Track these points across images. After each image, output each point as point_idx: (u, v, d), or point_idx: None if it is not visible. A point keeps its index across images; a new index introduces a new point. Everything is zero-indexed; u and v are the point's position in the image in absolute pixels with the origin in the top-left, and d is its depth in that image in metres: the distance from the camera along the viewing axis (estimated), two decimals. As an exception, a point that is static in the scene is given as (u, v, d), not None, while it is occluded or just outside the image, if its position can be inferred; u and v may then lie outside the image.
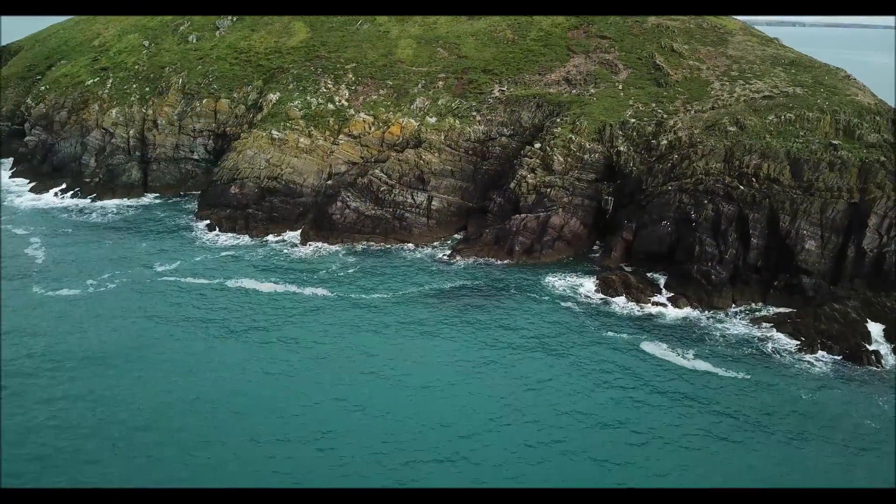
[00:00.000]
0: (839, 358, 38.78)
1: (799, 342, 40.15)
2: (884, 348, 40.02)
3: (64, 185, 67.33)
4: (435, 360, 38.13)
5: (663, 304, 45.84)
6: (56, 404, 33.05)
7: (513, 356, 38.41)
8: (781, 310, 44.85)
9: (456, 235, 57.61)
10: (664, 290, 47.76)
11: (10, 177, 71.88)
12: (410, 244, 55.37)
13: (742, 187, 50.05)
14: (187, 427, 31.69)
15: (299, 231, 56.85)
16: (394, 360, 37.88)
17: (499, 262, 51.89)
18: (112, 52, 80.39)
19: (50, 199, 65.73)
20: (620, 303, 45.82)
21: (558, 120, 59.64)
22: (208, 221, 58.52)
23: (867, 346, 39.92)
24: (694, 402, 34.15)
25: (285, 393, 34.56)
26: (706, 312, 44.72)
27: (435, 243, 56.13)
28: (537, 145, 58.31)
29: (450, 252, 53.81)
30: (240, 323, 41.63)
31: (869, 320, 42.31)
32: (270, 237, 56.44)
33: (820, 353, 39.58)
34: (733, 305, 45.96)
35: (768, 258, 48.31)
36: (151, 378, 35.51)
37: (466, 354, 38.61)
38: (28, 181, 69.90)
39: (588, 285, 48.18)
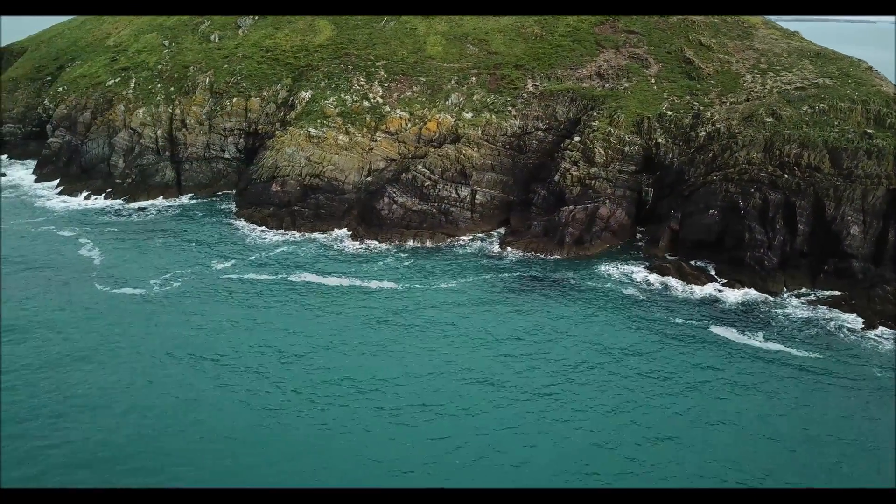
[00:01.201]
0: (902, 335, 40.67)
1: (863, 320, 41.98)
2: (939, 326, 42.02)
3: (95, 187, 66.85)
4: (530, 341, 39.73)
5: (720, 290, 47.40)
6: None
7: (592, 343, 39.54)
8: (833, 293, 46.66)
9: (499, 229, 58.49)
10: (717, 277, 49.31)
11: (36, 180, 71.09)
12: (459, 238, 56.17)
13: (786, 176, 51.79)
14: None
15: (346, 227, 57.37)
16: (491, 342, 39.43)
17: (549, 252, 52.99)
18: (131, 52, 79.75)
19: (82, 200, 65.19)
20: (679, 289, 47.25)
21: (595, 113, 60.89)
22: (252, 220, 58.71)
23: (925, 324, 41.86)
24: (780, 385, 35.57)
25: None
26: (762, 297, 46.31)
27: (480, 236, 57.02)
28: (577, 138, 59.51)
29: (499, 244, 54.81)
30: (331, 313, 42.68)
31: (921, 300, 44.29)
32: (317, 234, 56.81)
33: (881, 329, 41.45)
34: (785, 290, 47.66)
35: (814, 244, 50.09)
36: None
37: (552, 337, 39.93)
38: (56, 183, 69.22)
39: (643, 273, 49.54)
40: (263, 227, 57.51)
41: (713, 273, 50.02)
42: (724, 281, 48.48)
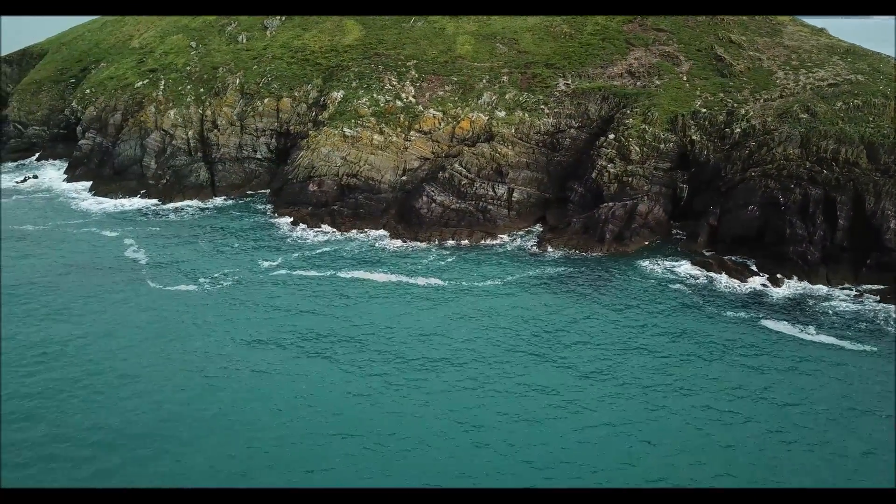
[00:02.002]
0: (952, 327, 41.20)
1: (915, 313, 42.59)
2: None
3: (129, 188, 67.26)
4: (594, 336, 40.19)
5: (764, 285, 47.93)
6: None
7: (652, 337, 39.99)
8: (877, 286, 47.17)
9: (535, 226, 58.94)
10: (759, 272, 49.82)
11: (68, 181, 71.43)
12: (498, 235, 56.56)
13: (825, 172, 52.33)
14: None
15: (385, 226, 57.79)
16: (561, 337, 40.05)
17: (590, 249, 53.47)
18: (157, 54, 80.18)
19: (117, 201, 65.55)
20: (724, 283, 47.75)
21: (628, 111, 61.40)
22: (292, 219, 59.16)
23: (973, 316, 42.40)
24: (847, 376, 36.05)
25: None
26: (808, 291, 46.85)
27: (520, 234, 57.48)
28: (611, 136, 60.01)
29: (539, 242, 55.23)
30: (390, 307, 43.45)
31: (966, 293, 44.87)
32: (357, 232, 57.21)
33: (930, 323, 42.02)
34: (829, 284, 48.21)
35: (853, 238, 50.60)
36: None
37: (614, 331, 40.42)
38: (89, 185, 69.58)
39: (686, 268, 50.04)
40: (303, 227, 57.93)
41: (754, 268, 50.57)
42: (768, 276, 49.00)
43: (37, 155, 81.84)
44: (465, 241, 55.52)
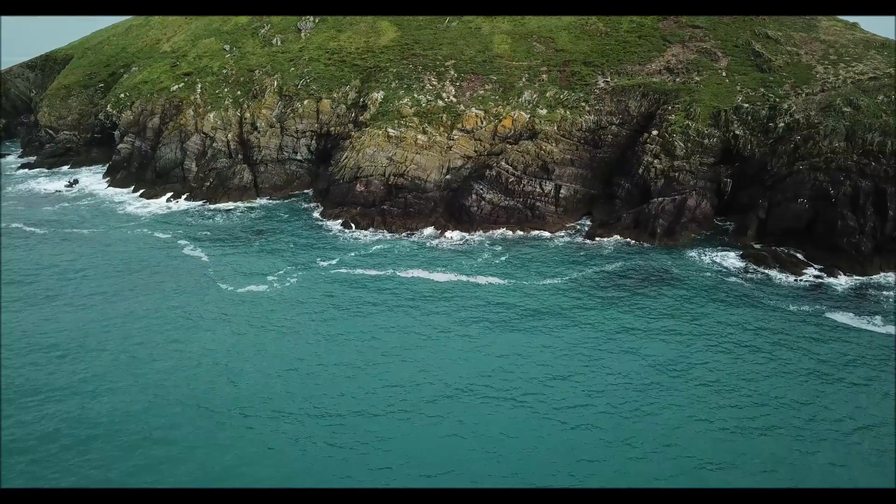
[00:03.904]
0: None
1: (977, 302, 43.40)
2: None
3: (175, 191, 67.78)
4: (669, 332, 40.48)
5: (819, 277, 48.72)
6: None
7: (722, 332, 40.67)
8: (930, 275, 48.06)
9: (582, 222, 59.71)
10: (812, 263, 50.62)
11: (109, 186, 71.89)
12: (548, 232, 57.32)
13: (873, 164, 53.16)
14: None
15: (435, 224, 58.38)
16: (636, 335, 40.30)
17: (641, 243, 54.30)
18: (191, 58, 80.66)
19: (163, 204, 66.13)
20: (781, 276, 48.53)
21: (670, 107, 62.17)
22: (342, 220, 59.75)
23: None
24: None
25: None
26: (864, 281, 47.64)
27: (569, 231, 58.20)
28: (654, 132, 60.77)
29: (589, 237, 55.95)
30: (462, 308, 43.70)
31: None
32: (408, 232, 57.75)
33: None
34: (881, 274, 49.03)
35: (904, 229, 51.50)
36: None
37: (683, 329, 41.00)
38: (131, 188, 70.09)
39: (741, 262, 50.83)
40: (353, 226, 58.52)
41: (805, 260, 51.33)
42: (821, 267, 49.81)
43: (71, 161, 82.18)
44: (519, 234, 56.39)
